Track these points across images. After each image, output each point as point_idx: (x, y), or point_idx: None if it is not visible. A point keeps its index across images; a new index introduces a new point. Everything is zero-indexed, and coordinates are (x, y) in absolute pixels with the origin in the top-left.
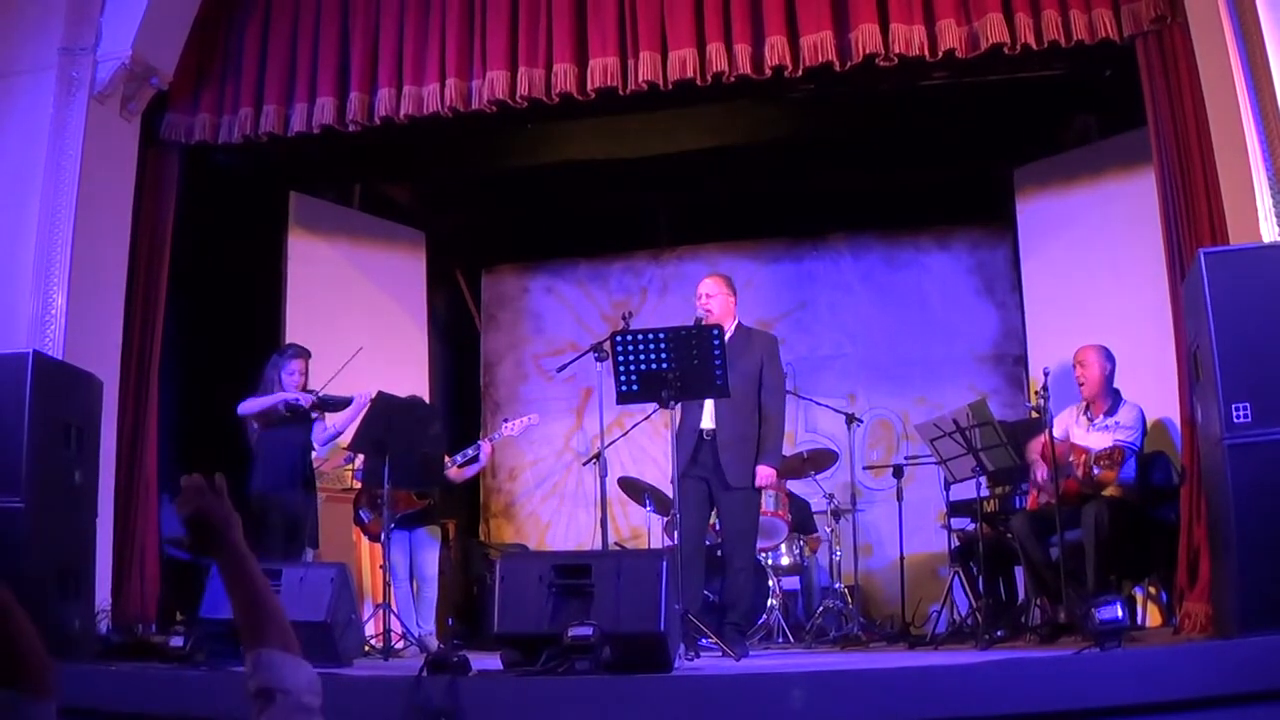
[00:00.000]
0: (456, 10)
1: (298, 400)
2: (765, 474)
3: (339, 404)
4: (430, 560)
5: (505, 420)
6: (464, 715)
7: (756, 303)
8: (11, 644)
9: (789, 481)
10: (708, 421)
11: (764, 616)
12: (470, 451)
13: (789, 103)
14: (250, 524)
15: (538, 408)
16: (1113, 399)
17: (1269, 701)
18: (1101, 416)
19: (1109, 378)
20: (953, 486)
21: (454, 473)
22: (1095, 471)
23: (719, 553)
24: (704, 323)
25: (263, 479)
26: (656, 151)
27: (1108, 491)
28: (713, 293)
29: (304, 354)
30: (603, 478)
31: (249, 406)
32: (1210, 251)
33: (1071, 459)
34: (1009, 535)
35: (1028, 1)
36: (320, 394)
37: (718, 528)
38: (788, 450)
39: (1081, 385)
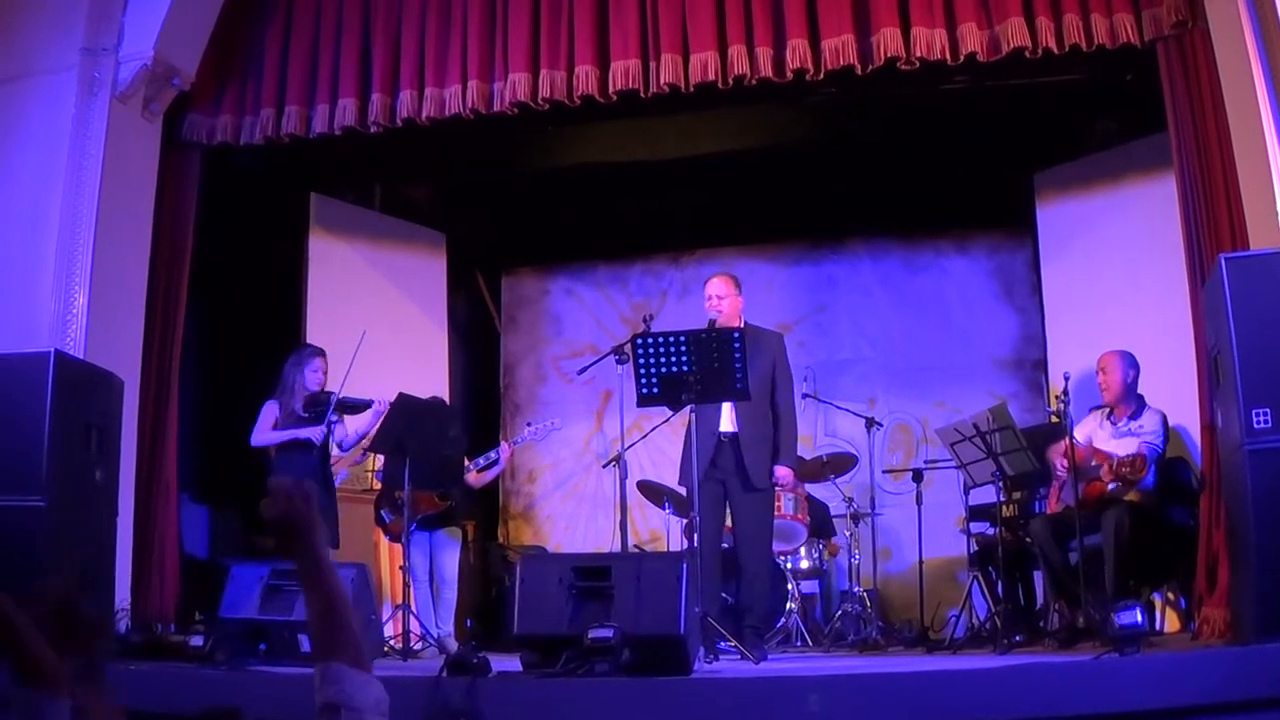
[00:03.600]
0: (478, 12)
1: (311, 438)
2: (784, 474)
3: (358, 406)
4: (450, 562)
5: (528, 424)
6: (483, 716)
7: (776, 306)
8: (20, 647)
9: (807, 485)
10: (727, 424)
11: (783, 620)
12: (492, 455)
13: (809, 106)
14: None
15: (557, 410)
16: (1136, 404)
17: None
18: (1125, 420)
19: (1131, 384)
20: (972, 491)
21: (473, 477)
22: (1111, 488)
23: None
24: (716, 324)
25: (281, 479)
26: (677, 154)
27: (1127, 496)
28: (723, 294)
29: (322, 353)
30: (622, 480)
31: (264, 439)
32: (1231, 256)
33: (1094, 462)
34: (1028, 540)
35: (1049, 5)
36: (340, 396)
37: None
38: (807, 454)
39: (1103, 391)
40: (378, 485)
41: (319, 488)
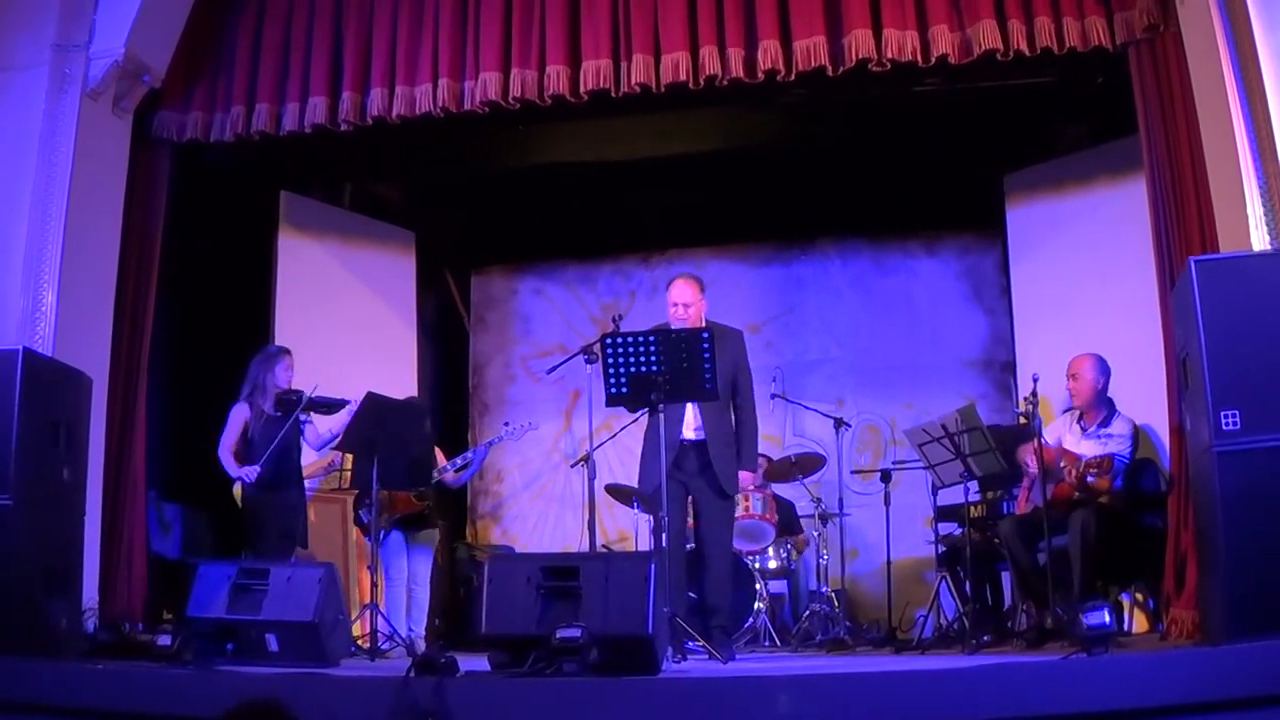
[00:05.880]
0: (449, 11)
1: (243, 478)
2: (746, 479)
3: (332, 405)
4: (424, 563)
5: (505, 424)
6: (451, 716)
7: (745, 306)
8: None
9: (774, 486)
10: (690, 431)
11: (751, 620)
12: (468, 455)
13: (781, 108)
14: (243, 525)
15: (525, 410)
16: (1107, 409)
17: (1255, 708)
18: (1095, 427)
19: (1102, 390)
20: (940, 492)
21: (450, 477)
22: (1089, 479)
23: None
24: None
25: (255, 480)
26: (648, 154)
27: (1100, 499)
28: (689, 301)
29: (289, 351)
30: (591, 479)
31: (223, 460)
32: (1201, 259)
33: (1063, 464)
34: (996, 540)
35: (1021, 8)
36: (311, 395)
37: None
38: (776, 454)
39: (1074, 397)
40: (347, 482)
41: (291, 486)
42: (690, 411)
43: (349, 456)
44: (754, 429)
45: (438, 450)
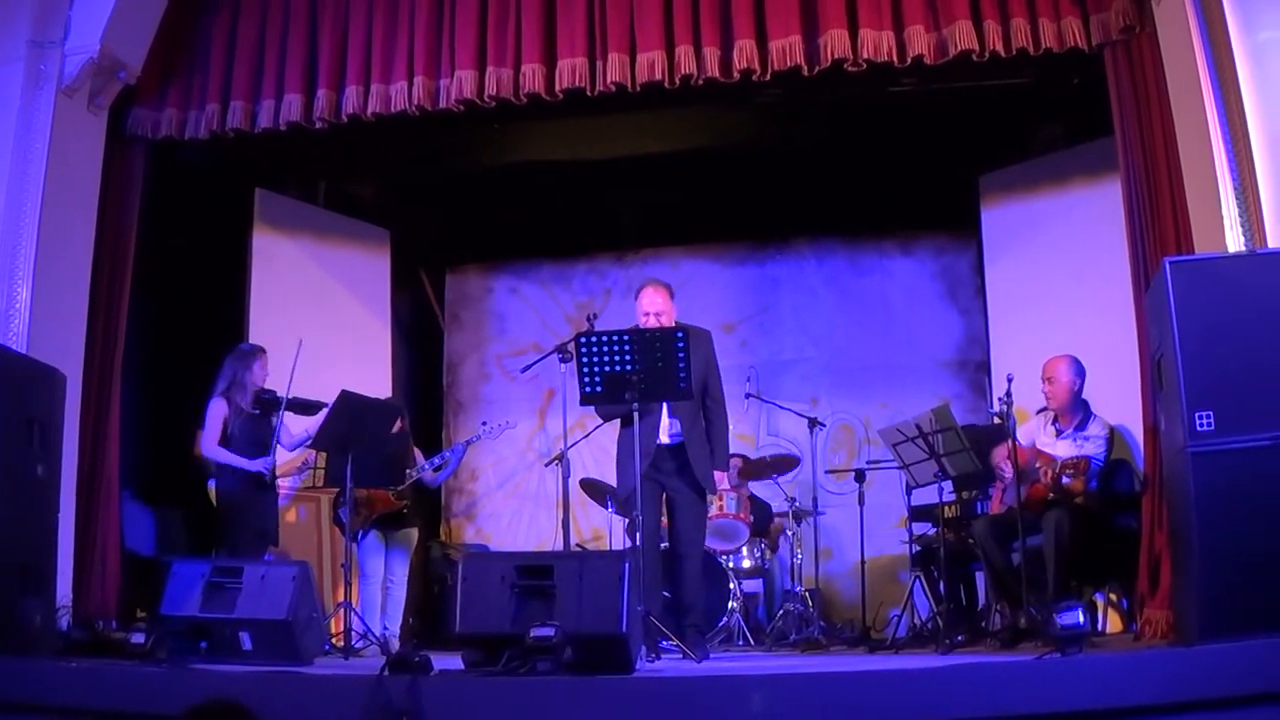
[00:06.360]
0: (425, 9)
1: (262, 470)
2: (719, 478)
3: (310, 406)
4: (402, 562)
5: (483, 423)
6: (425, 715)
7: (720, 305)
8: None
9: (750, 483)
10: (665, 436)
11: (725, 619)
12: (447, 454)
13: (756, 107)
14: (219, 523)
15: (500, 408)
16: (1083, 412)
17: (1229, 708)
18: (1071, 429)
19: (1077, 392)
20: (914, 491)
21: (428, 476)
22: (1065, 480)
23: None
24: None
25: (229, 478)
26: (623, 153)
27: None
28: (661, 310)
29: (264, 350)
30: (565, 478)
31: (214, 455)
32: (1175, 260)
33: (1038, 465)
34: (971, 540)
35: (997, 9)
36: (289, 395)
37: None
38: (750, 454)
39: (1049, 400)
40: (321, 481)
41: (266, 485)
42: (665, 419)
43: (322, 455)
44: (725, 428)
45: (416, 450)
